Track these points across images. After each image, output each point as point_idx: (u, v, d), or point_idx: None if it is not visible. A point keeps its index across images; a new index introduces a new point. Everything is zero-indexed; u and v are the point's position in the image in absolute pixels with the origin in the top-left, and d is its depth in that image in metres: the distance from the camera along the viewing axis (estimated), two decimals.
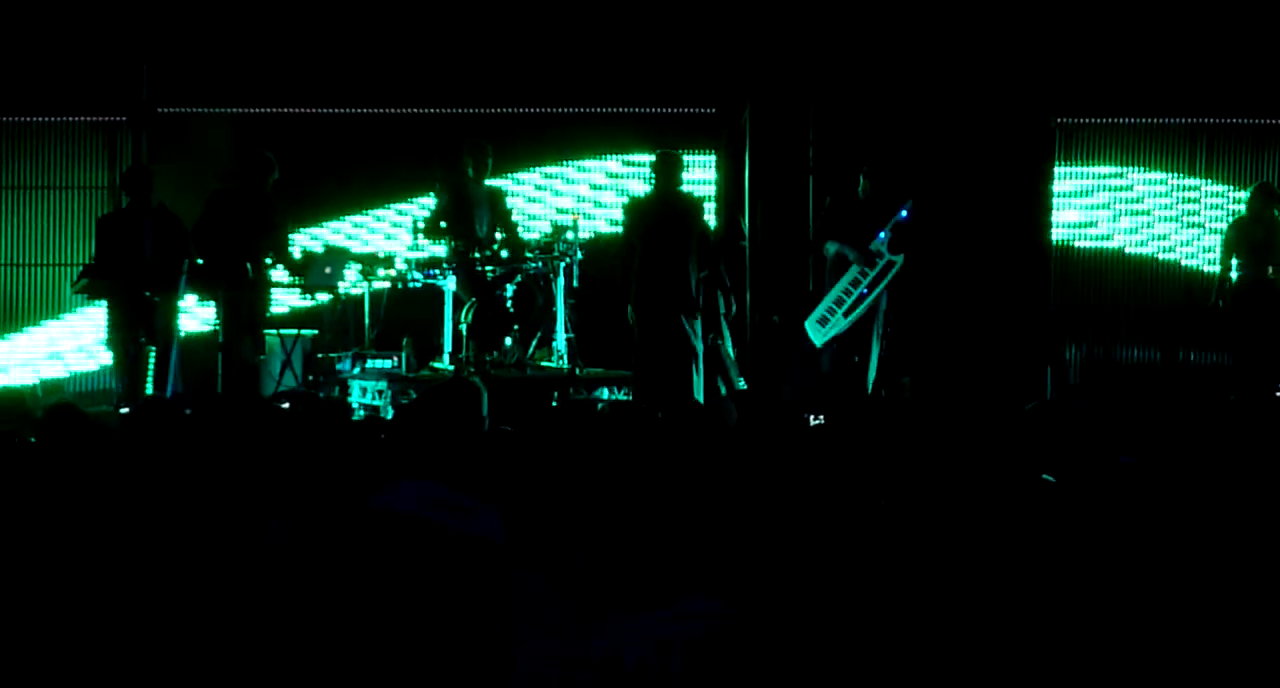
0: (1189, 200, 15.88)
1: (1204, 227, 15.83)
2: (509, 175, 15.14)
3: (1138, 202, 15.89)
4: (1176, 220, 15.89)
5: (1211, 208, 15.78)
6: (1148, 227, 15.90)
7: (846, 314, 13.38)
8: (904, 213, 13.40)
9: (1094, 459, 6.40)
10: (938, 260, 14.38)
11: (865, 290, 13.36)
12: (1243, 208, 14.48)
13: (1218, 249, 14.66)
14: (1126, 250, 15.87)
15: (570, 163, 15.72)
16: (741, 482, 5.80)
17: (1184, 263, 15.88)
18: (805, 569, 4.85)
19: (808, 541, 5.12)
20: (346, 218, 15.56)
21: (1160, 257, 15.91)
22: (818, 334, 13.43)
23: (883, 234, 13.36)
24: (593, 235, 15.08)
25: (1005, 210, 15.11)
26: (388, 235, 15.49)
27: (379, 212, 15.60)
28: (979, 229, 14.95)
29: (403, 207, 15.31)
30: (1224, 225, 14.81)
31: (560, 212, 15.32)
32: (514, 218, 14.36)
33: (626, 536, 4.26)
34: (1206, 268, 15.49)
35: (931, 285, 14.42)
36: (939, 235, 14.21)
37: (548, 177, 15.71)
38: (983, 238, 14.98)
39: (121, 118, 15.18)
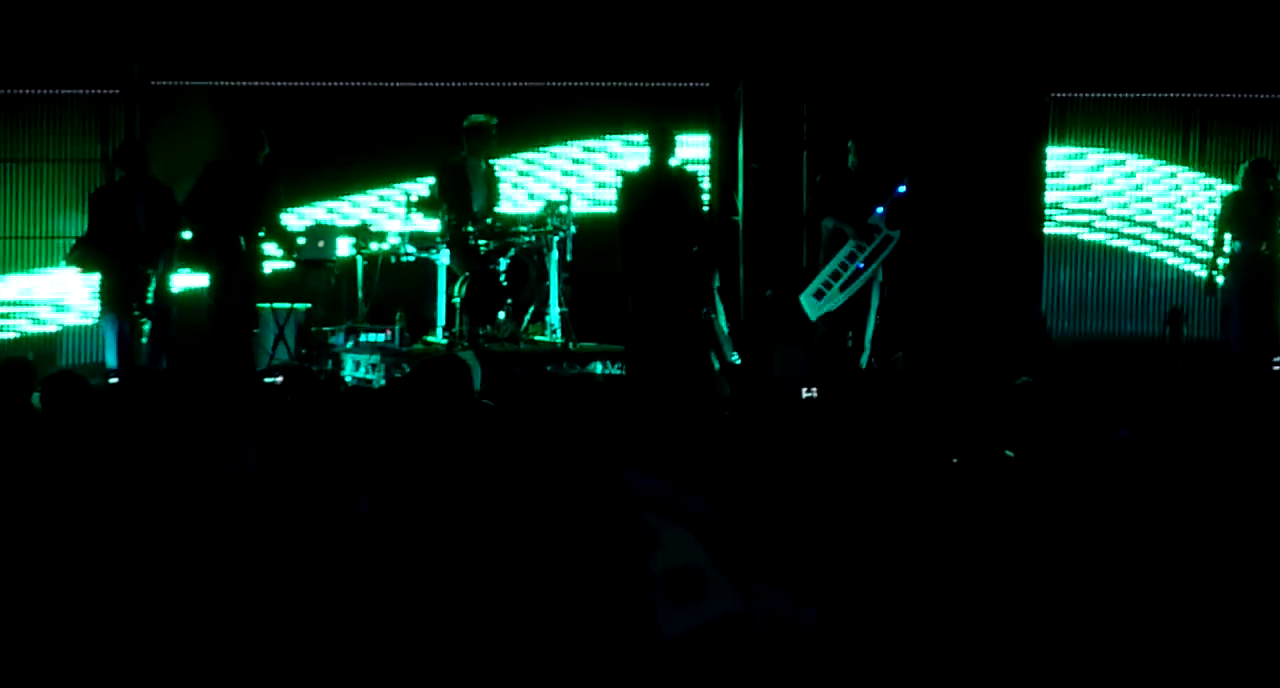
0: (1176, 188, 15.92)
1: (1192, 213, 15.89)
2: (508, 152, 15.08)
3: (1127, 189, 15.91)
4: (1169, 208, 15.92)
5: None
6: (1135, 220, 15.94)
7: (843, 288, 13.35)
8: (902, 187, 13.37)
9: (1087, 434, 6.39)
10: (931, 235, 14.37)
11: (862, 265, 13.33)
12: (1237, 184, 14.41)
13: (1210, 227, 14.65)
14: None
15: (568, 141, 15.64)
16: (734, 458, 5.80)
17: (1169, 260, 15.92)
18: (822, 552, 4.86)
19: (811, 518, 5.12)
20: (345, 197, 15.51)
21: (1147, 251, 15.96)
22: (813, 308, 13.41)
23: (880, 209, 13.33)
24: (586, 211, 15.05)
25: (998, 185, 15.09)
26: (377, 209, 15.42)
27: (374, 187, 15.54)
28: (972, 203, 14.93)
29: (399, 182, 15.22)
30: (1217, 204, 14.78)
31: (554, 187, 15.29)
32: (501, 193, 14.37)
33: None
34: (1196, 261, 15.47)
35: (925, 260, 14.42)
36: (931, 210, 14.20)
37: (540, 151, 15.65)
38: (976, 212, 14.96)
39: (115, 91, 15.12)
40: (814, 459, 5.85)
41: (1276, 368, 13.50)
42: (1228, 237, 14.15)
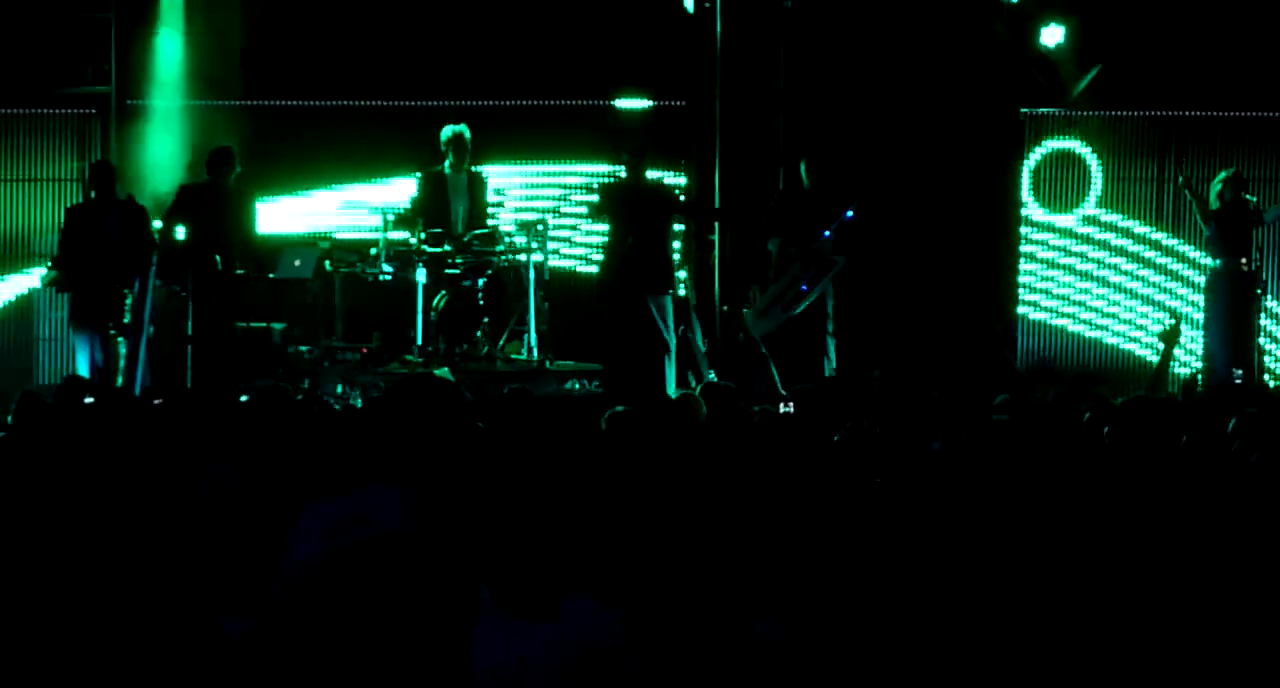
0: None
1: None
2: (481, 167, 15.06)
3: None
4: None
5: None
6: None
7: (785, 309, 13.37)
8: (849, 213, 13.39)
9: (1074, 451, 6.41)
10: (901, 253, 14.41)
11: (805, 287, 13.36)
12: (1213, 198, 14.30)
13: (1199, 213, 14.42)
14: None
15: (545, 161, 15.61)
16: (706, 475, 5.80)
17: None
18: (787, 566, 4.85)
19: (783, 534, 5.11)
20: (320, 213, 15.49)
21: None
22: (756, 325, 13.47)
23: (827, 233, 13.34)
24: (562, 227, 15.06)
25: (971, 200, 15.09)
26: (360, 228, 15.39)
27: (351, 198, 15.51)
28: (944, 218, 14.91)
29: (376, 201, 15.19)
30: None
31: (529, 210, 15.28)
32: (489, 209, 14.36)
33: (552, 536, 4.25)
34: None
35: (896, 278, 14.45)
36: (901, 225, 14.24)
37: (516, 168, 15.63)
38: (948, 227, 14.94)
39: (91, 110, 15.11)
40: (790, 476, 5.85)
41: (1238, 381, 13.48)
42: (1208, 259, 14.11)
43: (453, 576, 3.51)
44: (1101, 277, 15.81)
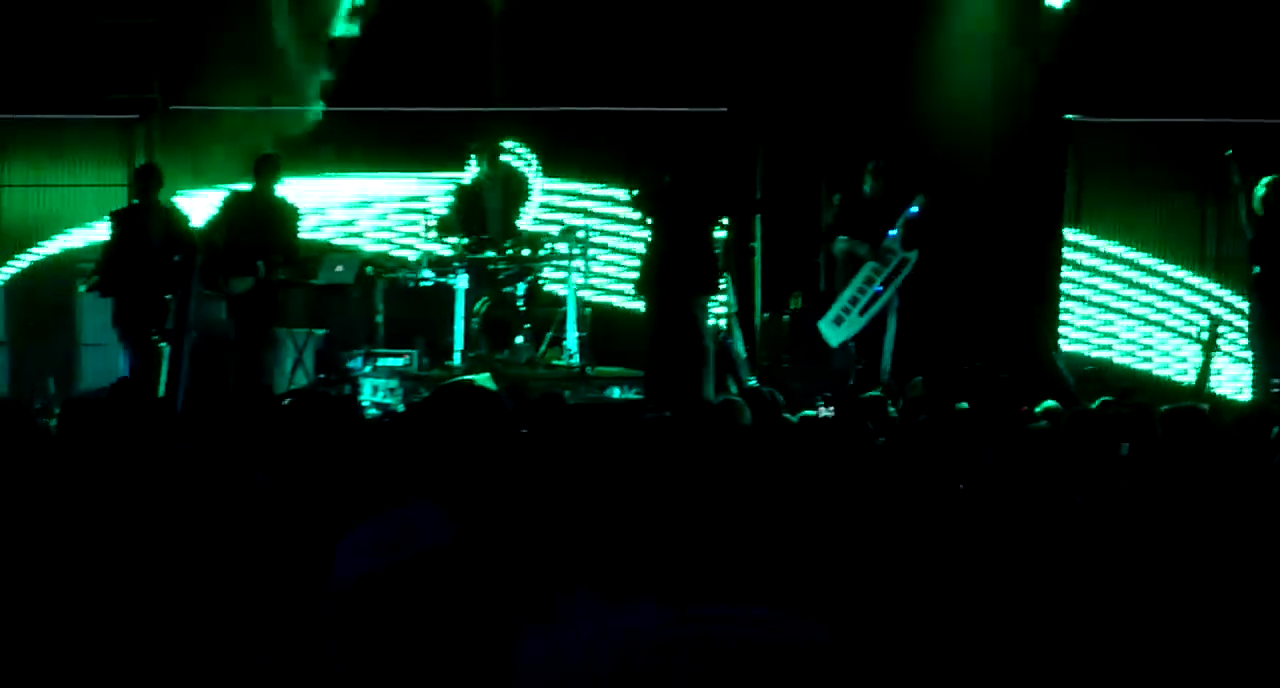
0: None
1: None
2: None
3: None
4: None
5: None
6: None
7: (862, 313, 13.33)
8: (914, 208, 13.35)
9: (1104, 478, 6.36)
10: (948, 259, 14.32)
11: (880, 288, 13.32)
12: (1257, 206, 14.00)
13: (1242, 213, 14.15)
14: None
15: (587, 166, 15.57)
16: (753, 482, 5.77)
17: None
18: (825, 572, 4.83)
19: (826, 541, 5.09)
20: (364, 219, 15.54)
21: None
22: (833, 334, 13.38)
23: (894, 231, 13.32)
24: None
25: (1018, 208, 15.00)
26: (401, 234, 15.43)
27: (393, 206, 15.56)
28: (991, 227, 14.84)
29: (419, 205, 15.24)
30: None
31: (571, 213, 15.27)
32: (524, 216, 14.37)
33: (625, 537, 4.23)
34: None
35: (943, 284, 14.35)
36: (950, 233, 14.15)
37: (559, 176, 15.61)
38: (995, 236, 14.86)
39: (135, 115, 15.17)
40: (831, 483, 5.83)
41: (1275, 390, 13.33)
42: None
43: (499, 586, 3.51)
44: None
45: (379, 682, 3.48)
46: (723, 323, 13.98)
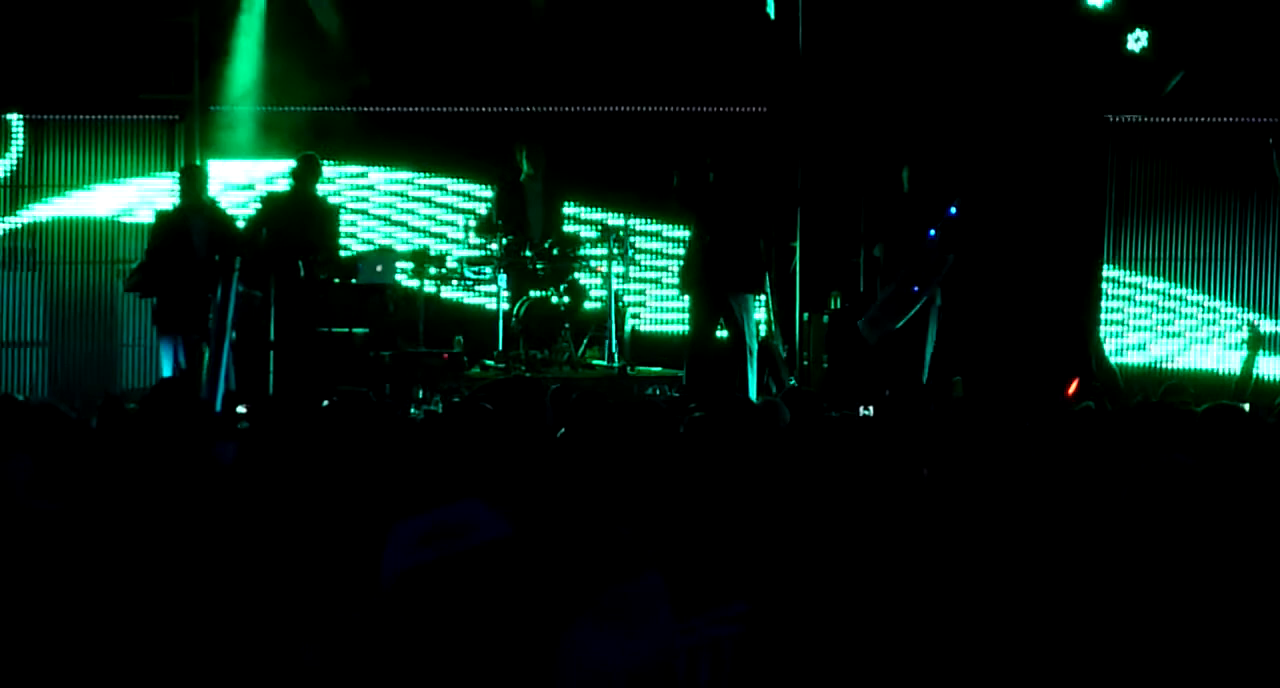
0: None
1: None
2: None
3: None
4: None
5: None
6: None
7: (899, 314, 13.31)
8: (953, 210, 13.32)
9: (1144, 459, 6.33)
10: (988, 259, 14.27)
11: (917, 289, 13.29)
12: None
13: None
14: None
15: (626, 166, 15.54)
16: (793, 483, 5.77)
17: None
18: (846, 569, 4.83)
19: (855, 540, 5.09)
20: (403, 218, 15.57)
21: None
22: (872, 333, 13.37)
23: (932, 232, 13.29)
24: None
25: (1058, 207, 14.96)
26: (442, 233, 15.46)
27: (435, 211, 15.59)
28: (1030, 226, 14.79)
29: (460, 204, 15.27)
30: None
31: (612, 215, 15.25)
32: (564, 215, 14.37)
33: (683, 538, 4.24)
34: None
35: (983, 283, 14.31)
36: (988, 234, 14.11)
37: (598, 175, 15.60)
38: (1034, 236, 14.82)
39: (174, 116, 15.23)
40: (871, 482, 5.82)
41: None
42: None
43: (550, 579, 3.52)
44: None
45: (427, 671, 3.49)
46: (767, 324, 13.98)
